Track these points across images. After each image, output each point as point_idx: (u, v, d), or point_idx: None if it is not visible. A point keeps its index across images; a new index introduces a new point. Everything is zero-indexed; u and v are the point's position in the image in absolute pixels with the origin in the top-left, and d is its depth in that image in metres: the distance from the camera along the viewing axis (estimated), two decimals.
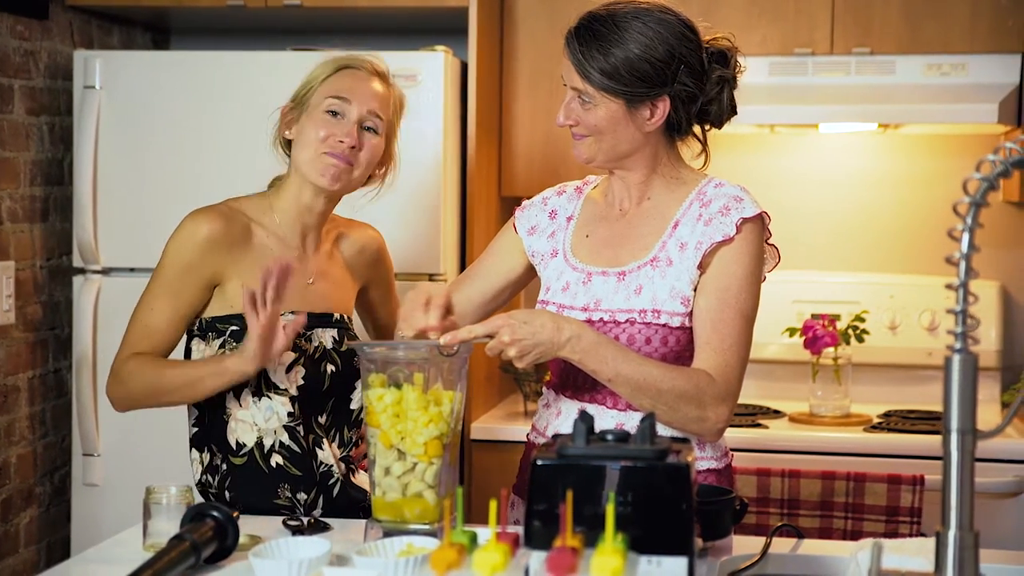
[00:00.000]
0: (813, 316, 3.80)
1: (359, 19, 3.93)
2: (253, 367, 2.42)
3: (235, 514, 2.12)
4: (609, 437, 1.91)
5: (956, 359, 1.66)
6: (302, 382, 2.56)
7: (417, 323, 2.26)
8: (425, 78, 3.53)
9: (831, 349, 3.73)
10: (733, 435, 3.51)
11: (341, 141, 2.54)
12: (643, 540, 1.83)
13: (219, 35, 4.31)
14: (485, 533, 1.85)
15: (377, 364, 2.18)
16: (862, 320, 3.77)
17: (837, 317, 3.83)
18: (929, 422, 3.66)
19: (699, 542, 1.89)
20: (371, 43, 4.11)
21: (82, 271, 3.73)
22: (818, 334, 3.71)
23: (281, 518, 2.36)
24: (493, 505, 1.66)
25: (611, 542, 1.64)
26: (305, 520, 2.32)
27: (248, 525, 2.31)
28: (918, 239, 4.08)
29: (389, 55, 3.54)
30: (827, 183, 4.13)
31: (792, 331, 3.79)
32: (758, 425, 3.63)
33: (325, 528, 2.32)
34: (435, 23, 3.94)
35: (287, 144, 2.64)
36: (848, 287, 4.03)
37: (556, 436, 2.01)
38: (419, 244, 3.55)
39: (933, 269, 4.04)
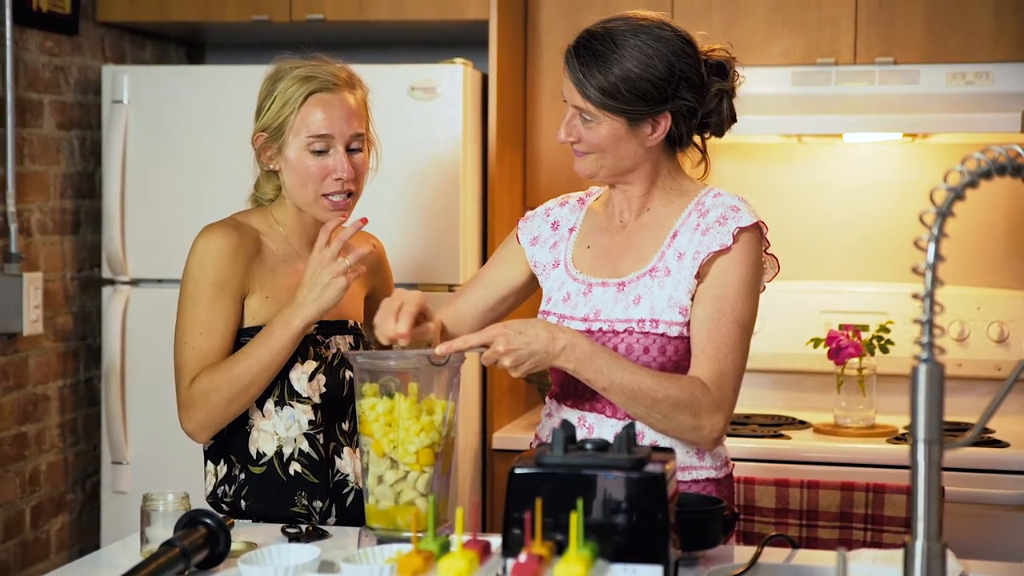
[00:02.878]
0: (840, 327, 3.78)
1: (382, 32, 3.98)
2: (319, 308, 2.48)
3: (229, 522, 2.15)
4: (588, 446, 1.92)
5: (922, 369, 1.66)
6: (324, 390, 2.59)
7: (388, 330, 2.29)
8: (444, 91, 3.56)
9: (855, 360, 3.71)
10: (753, 446, 3.52)
11: (338, 179, 2.55)
12: (620, 549, 1.84)
13: (252, 50, 4.37)
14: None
15: (370, 373, 2.21)
16: (887, 331, 3.75)
17: (864, 327, 3.81)
18: (954, 434, 3.63)
19: (675, 552, 1.90)
20: (393, 56, 4.17)
21: (111, 282, 3.80)
22: (842, 344, 3.69)
23: (281, 525, 2.39)
24: (460, 513, 1.68)
25: (575, 550, 1.65)
26: (303, 527, 2.35)
27: (247, 532, 2.35)
28: (946, 249, 4.04)
29: (408, 68, 3.61)
30: (854, 193, 4.11)
31: (817, 342, 3.78)
32: (780, 436, 3.62)
33: (323, 536, 2.34)
34: (457, 36, 3.97)
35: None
36: (876, 297, 4.01)
37: (539, 444, 2.03)
38: (438, 255, 3.58)
39: (962, 279, 4.01)
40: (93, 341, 3.94)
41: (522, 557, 1.66)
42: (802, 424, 3.80)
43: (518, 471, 1.89)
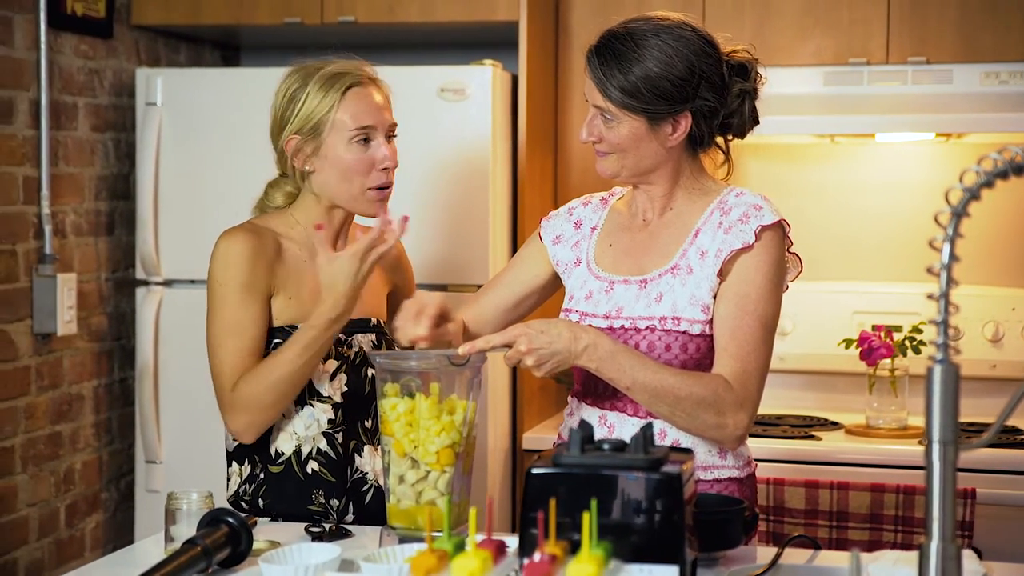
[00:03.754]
0: (873, 328, 3.77)
1: (413, 34, 4.00)
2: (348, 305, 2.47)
3: (251, 521, 2.17)
4: (605, 446, 1.93)
5: (938, 369, 1.66)
6: (346, 388, 2.61)
7: (408, 333, 2.30)
8: (473, 92, 3.58)
9: (887, 361, 3.69)
10: (784, 447, 3.51)
11: (385, 167, 2.58)
12: (636, 549, 1.84)
13: (287, 53, 4.38)
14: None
15: (391, 374, 2.22)
16: (919, 331, 3.73)
17: (898, 328, 3.79)
18: (981, 434, 3.61)
19: (692, 552, 1.90)
20: (424, 57, 4.19)
21: (145, 283, 3.83)
22: (874, 345, 3.67)
23: (305, 524, 2.41)
24: (473, 512, 1.69)
25: (588, 550, 1.66)
26: (327, 527, 2.36)
27: (270, 531, 2.37)
28: (980, 249, 4.03)
29: (437, 69, 3.63)
30: (887, 193, 4.10)
31: (849, 342, 3.76)
32: (810, 437, 3.61)
33: (346, 535, 2.36)
34: (487, 37, 3.99)
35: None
36: (909, 298, 3.98)
37: (559, 444, 2.04)
38: (467, 255, 3.59)
39: (997, 280, 3.99)
40: (128, 341, 3.98)
41: (536, 557, 1.67)
42: (834, 425, 3.79)
43: (535, 471, 1.90)
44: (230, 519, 2.12)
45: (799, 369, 4.05)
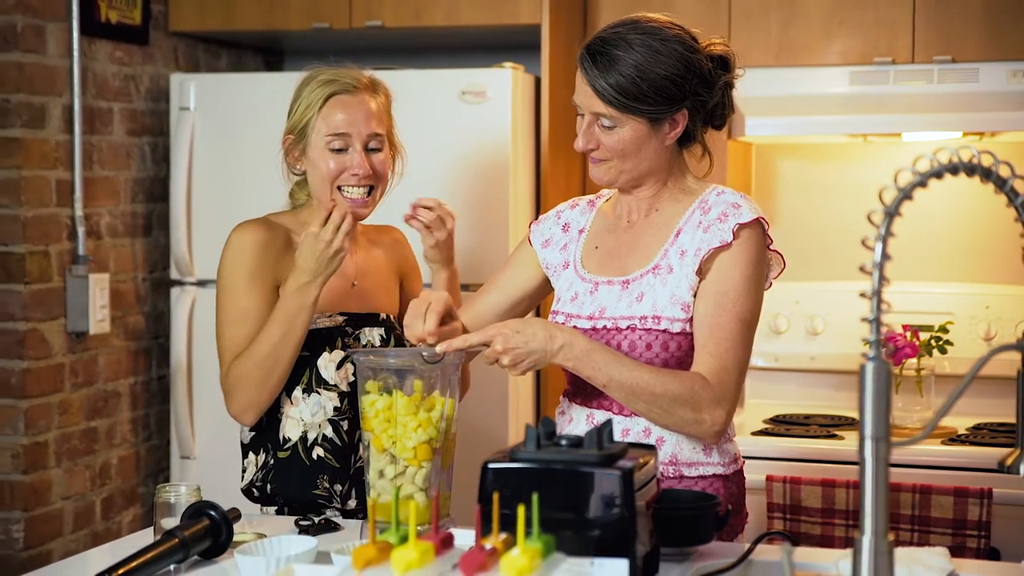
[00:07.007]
0: (902, 327, 3.76)
1: (438, 38, 4.05)
2: (326, 279, 2.58)
3: (234, 514, 2.24)
4: (563, 442, 1.97)
5: (870, 367, 1.67)
6: (352, 378, 2.67)
7: (416, 329, 2.36)
8: (494, 94, 3.62)
9: (913, 360, 3.68)
10: (804, 446, 3.51)
11: (355, 174, 2.66)
12: (589, 542, 1.89)
13: (328, 58, 4.45)
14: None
15: (371, 371, 2.28)
16: (945, 331, 3.71)
17: (928, 328, 3.78)
18: (1010, 435, 3.59)
19: (643, 547, 1.93)
20: (451, 61, 4.24)
21: (179, 283, 3.93)
22: (899, 345, 3.67)
23: (295, 518, 2.47)
24: (413, 505, 1.74)
25: (524, 542, 1.69)
26: (316, 520, 2.42)
27: (260, 524, 2.44)
28: (1013, 248, 3.99)
29: (459, 72, 3.67)
30: (918, 193, 4.05)
31: None
32: (832, 436, 3.61)
33: (335, 528, 2.42)
34: (512, 40, 4.03)
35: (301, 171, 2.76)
36: (942, 298, 3.97)
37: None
38: (488, 256, 3.64)
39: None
40: (164, 340, 4.07)
41: (470, 550, 1.71)
42: None
43: (490, 466, 1.94)
44: (212, 512, 2.19)
45: (830, 369, 4.05)
